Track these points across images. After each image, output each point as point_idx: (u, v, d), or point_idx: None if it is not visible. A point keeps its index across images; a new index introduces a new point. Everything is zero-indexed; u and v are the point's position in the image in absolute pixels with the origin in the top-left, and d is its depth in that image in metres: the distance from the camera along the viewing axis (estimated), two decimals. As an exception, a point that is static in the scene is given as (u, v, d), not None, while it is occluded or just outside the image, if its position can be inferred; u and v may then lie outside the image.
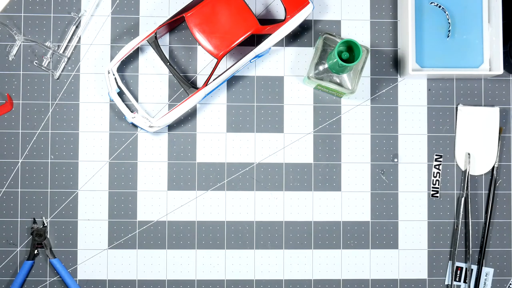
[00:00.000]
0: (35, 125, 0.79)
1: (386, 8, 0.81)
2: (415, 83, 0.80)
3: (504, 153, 0.81)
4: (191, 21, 0.73)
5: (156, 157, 0.79)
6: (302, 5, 0.76)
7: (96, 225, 0.79)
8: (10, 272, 0.78)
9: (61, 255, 0.79)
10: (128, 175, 0.79)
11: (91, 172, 0.79)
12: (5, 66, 0.79)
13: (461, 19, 0.79)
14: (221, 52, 0.73)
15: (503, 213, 0.80)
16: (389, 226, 0.80)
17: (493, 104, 0.81)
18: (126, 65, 0.80)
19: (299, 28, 0.80)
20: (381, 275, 0.80)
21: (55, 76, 0.79)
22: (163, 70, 0.80)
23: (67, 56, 0.79)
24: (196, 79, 0.80)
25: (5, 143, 0.79)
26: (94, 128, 0.79)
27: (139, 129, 0.79)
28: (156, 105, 0.80)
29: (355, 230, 0.80)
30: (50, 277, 0.79)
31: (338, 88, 0.75)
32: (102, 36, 0.80)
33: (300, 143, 0.80)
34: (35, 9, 0.79)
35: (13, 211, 0.79)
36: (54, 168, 0.79)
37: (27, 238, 0.79)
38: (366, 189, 0.80)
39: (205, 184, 0.79)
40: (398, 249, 0.80)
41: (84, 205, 0.79)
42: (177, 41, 0.80)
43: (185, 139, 0.80)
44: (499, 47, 0.77)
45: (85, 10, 0.79)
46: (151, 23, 0.80)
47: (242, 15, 0.73)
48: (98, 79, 0.79)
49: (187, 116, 0.80)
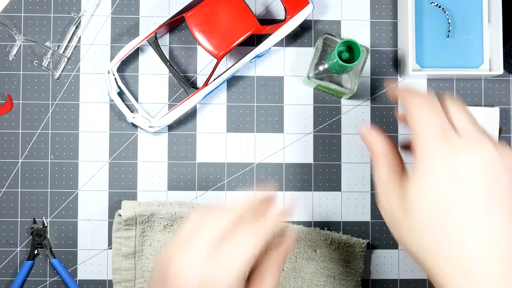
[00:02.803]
0: (35, 125, 0.79)
1: (386, 8, 0.81)
2: (415, 83, 0.80)
3: (504, 153, 0.80)
4: (191, 21, 0.73)
5: (156, 157, 0.79)
6: (302, 5, 0.76)
7: (96, 225, 0.79)
8: (10, 272, 0.78)
9: (61, 255, 0.79)
10: (128, 175, 0.79)
11: (91, 172, 0.79)
12: (5, 66, 0.79)
13: (461, 19, 0.79)
14: (221, 52, 0.73)
15: (503, 213, 0.80)
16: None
17: (493, 104, 0.81)
18: (126, 65, 0.80)
19: (299, 28, 0.80)
20: (381, 275, 0.80)
21: (55, 76, 0.79)
22: (163, 70, 0.80)
23: (67, 56, 0.79)
24: (196, 79, 0.80)
25: (5, 143, 0.79)
26: (94, 128, 0.79)
27: (139, 129, 0.79)
28: (156, 105, 0.80)
29: (355, 230, 0.80)
30: (50, 277, 0.79)
31: (338, 88, 0.75)
32: (102, 36, 0.80)
33: (300, 143, 0.80)
34: (35, 9, 0.79)
35: (13, 211, 0.79)
36: (54, 168, 0.79)
37: (27, 238, 0.79)
38: (366, 189, 0.80)
39: (205, 184, 0.79)
40: (398, 249, 0.80)
41: (84, 205, 0.79)
42: (177, 41, 0.80)
43: (185, 139, 0.80)
44: (499, 47, 0.77)
45: (85, 10, 0.79)
46: (151, 23, 0.80)
47: (242, 15, 0.73)
48: (98, 79, 0.79)
49: (187, 116, 0.80)
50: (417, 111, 0.58)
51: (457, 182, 0.55)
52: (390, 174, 0.60)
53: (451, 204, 0.55)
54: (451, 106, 0.60)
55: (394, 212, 0.58)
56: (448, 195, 0.55)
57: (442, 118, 0.58)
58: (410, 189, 0.57)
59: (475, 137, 0.56)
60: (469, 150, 0.55)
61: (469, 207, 0.55)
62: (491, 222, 0.55)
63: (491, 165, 0.55)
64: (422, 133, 0.57)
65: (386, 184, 0.60)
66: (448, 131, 0.57)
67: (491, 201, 0.55)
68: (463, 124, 0.58)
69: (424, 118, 0.58)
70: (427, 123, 0.57)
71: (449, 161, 0.55)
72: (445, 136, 0.56)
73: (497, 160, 0.55)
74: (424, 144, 0.57)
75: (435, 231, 0.56)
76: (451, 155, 0.55)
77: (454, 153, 0.55)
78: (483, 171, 0.55)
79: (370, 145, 0.61)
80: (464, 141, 0.56)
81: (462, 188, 0.55)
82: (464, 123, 0.58)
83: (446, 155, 0.55)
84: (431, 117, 0.58)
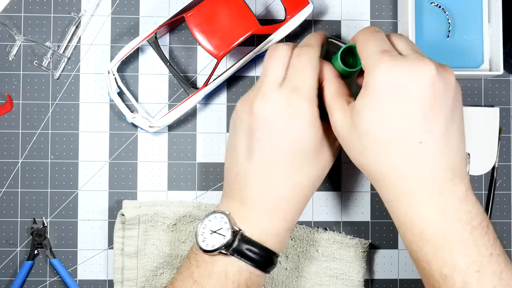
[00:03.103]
0: (35, 125, 0.79)
1: (386, 8, 0.81)
2: (415, 83, 0.80)
3: (504, 153, 0.81)
4: (191, 21, 0.73)
5: (156, 157, 0.79)
6: (302, 5, 0.76)
7: (96, 225, 0.79)
8: (10, 272, 0.78)
9: (61, 255, 0.79)
10: (128, 175, 0.79)
11: (91, 172, 0.79)
12: (5, 66, 0.79)
13: (461, 19, 0.79)
14: (221, 52, 0.73)
15: (503, 213, 0.80)
16: (388, 226, 0.80)
17: (493, 104, 0.81)
18: (126, 65, 0.80)
19: (299, 28, 0.80)
20: (380, 275, 0.80)
21: (55, 76, 0.79)
22: (163, 70, 0.80)
23: (67, 56, 0.79)
24: (196, 79, 0.80)
25: (5, 143, 0.79)
26: (94, 128, 0.79)
27: (139, 129, 0.79)
28: (156, 105, 0.80)
29: (355, 230, 0.80)
30: (50, 277, 0.79)
31: None
32: (102, 36, 0.80)
33: (300, 143, 0.80)
34: (35, 9, 0.79)
35: (13, 211, 0.79)
36: (54, 168, 0.79)
37: (27, 238, 0.79)
38: (366, 189, 0.80)
39: (205, 184, 0.79)
40: (398, 249, 0.80)
41: (84, 205, 0.79)
42: (177, 41, 0.80)
43: (185, 139, 0.80)
44: (499, 47, 0.77)
45: (85, 10, 0.79)
46: (151, 23, 0.80)
47: (242, 15, 0.73)
48: (98, 79, 0.79)
49: (187, 116, 0.80)
50: (363, 35, 0.63)
51: (397, 99, 0.58)
52: (337, 92, 0.64)
53: (392, 123, 0.59)
54: (394, 35, 0.64)
55: (344, 130, 0.62)
56: (389, 111, 0.59)
57: (385, 40, 0.62)
58: (357, 105, 0.60)
59: (416, 56, 0.60)
60: (411, 65, 0.58)
61: (407, 124, 0.58)
62: (426, 136, 0.58)
63: (432, 81, 0.58)
64: (367, 51, 0.61)
65: (334, 100, 0.64)
66: (391, 50, 0.61)
67: (428, 117, 0.58)
68: (405, 48, 0.62)
69: (368, 39, 0.62)
70: (371, 43, 0.62)
71: (391, 77, 0.58)
72: (389, 54, 0.60)
73: (437, 77, 0.58)
74: (369, 62, 0.60)
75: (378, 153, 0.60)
76: (394, 71, 0.58)
77: (397, 68, 0.58)
78: (424, 87, 0.58)
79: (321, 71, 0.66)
80: (406, 58, 0.59)
81: (402, 104, 0.58)
82: (407, 46, 0.63)
83: (389, 70, 0.58)
84: (375, 39, 0.62)
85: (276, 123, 0.63)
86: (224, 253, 0.63)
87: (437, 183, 0.58)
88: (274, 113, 0.63)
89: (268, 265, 0.65)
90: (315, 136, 0.64)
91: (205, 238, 0.64)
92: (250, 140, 0.64)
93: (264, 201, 0.64)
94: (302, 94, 0.63)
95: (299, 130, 0.63)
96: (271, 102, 0.63)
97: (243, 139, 0.65)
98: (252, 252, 0.63)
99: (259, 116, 0.63)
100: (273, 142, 0.63)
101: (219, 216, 0.65)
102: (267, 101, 0.63)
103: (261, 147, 0.64)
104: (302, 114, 0.63)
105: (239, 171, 0.65)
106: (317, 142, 0.64)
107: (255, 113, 0.63)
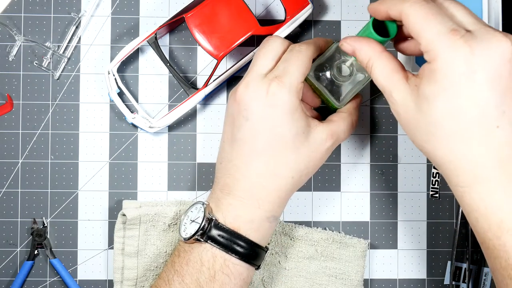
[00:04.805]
0: (35, 125, 0.79)
1: (386, 8, 0.81)
2: (414, 84, 0.80)
3: (504, 153, 0.81)
4: (191, 21, 0.73)
5: (156, 157, 0.79)
6: (302, 5, 0.76)
7: (96, 225, 0.79)
8: (10, 272, 0.79)
9: (61, 255, 0.79)
10: (128, 176, 0.79)
11: (91, 173, 0.79)
12: (5, 66, 0.79)
13: (461, 19, 0.79)
14: (221, 53, 0.73)
15: None
16: (388, 227, 0.80)
17: (493, 105, 0.81)
18: (126, 66, 0.80)
19: (299, 29, 0.80)
20: (380, 275, 0.80)
21: (55, 77, 0.79)
22: (163, 70, 0.80)
23: (67, 56, 0.79)
24: (196, 80, 0.80)
25: (5, 143, 0.79)
26: (94, 128, 0.79)
27: (139, 130, 0.79)
28: (156, 106, 0.80)
29: (354, 230, 0.80)
30: (50, 277, 0.79)
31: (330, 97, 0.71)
32: (102, 37, 0.80)
33: (300, 144, 0.80)
34: (35, 9, 0.79)
35: (13, 211, 0.79)
36: (54, 169, 0.79)
37: (27, 238, 0.79)
38: (366, 189, 0.80)
39: (205, 184, 0.80)
40: (397, 249, 0.80)
41: (84, 205, 0.79)
42: (177, 42, 0.80)
43: (185, 139, 0.80)
44: (498, 48, 0.77)
45: (85, 10, 0.79)
46: (151, 24, 0.80)
47: (242, 16, 0.73)
48: (98, 79, 0.79)
49: (187, 117, 0.80)
50: (419, 11, 0.54)
51: (472, 85, 0.53)
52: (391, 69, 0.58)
53: (467, 112, 0.53)
54: (449, 4, 0.57)
55: (408, 114, 0.56)
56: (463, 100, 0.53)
57: (445, 15, 0.55)
58: (426, 90, 0.54)
59: (487, 31, 0.54)
60: (486, 45, 0.53)
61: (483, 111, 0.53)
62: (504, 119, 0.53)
63: (508, 56, 0.53)
64: (431, 31, 0.54)
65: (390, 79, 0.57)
66: (459, 29, 0.53)
67: (506, 97, 0.53)
68: (468, 20, 0.55)
69: (427, 16, 0.54)
70: (433, 21, 0.54)
71: (467, 62, 0.53)
72: (459, 34, 0.53)
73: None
74: (437, 45, 0.53)
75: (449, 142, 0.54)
76: (469, 55, 0.52)
77: (472, 50, 0.52)
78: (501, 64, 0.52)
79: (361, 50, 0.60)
80: (479, 37, 0.53)
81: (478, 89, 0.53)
82: (469, 18, 0.56)
83: (464, 54, 0.52)
84: (435, 15, 0.54)
85: (255, 109, 0.64)
86: (199, 240, 0.65)
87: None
88: (254, 100, 0.64)
89: (248, 255, 0.65)
90: (294, 127, 0.65)
91: (186, 228, 0.67)
92: (233, 127, 0.66)
93: (240, 188, 0.66)
94: (284, 84, 0.64)
95: (277, 118, 0.64)
96: (251, 89, 0.65)
97: (228, 126, 0.67)
98: (223, 238, 0.64)
99: (241, 103, 0.65)
100: (253, 129, 0.65)
101: (199, 206, 0.67)
102: (248, 88, 0.65)
103: (242, 134, 0.65)
104: (281, 102, 0.64)
105: (223, 158, 0.68)
106: (298, 134, 0.65)
107: (237, 100, 0.66)
